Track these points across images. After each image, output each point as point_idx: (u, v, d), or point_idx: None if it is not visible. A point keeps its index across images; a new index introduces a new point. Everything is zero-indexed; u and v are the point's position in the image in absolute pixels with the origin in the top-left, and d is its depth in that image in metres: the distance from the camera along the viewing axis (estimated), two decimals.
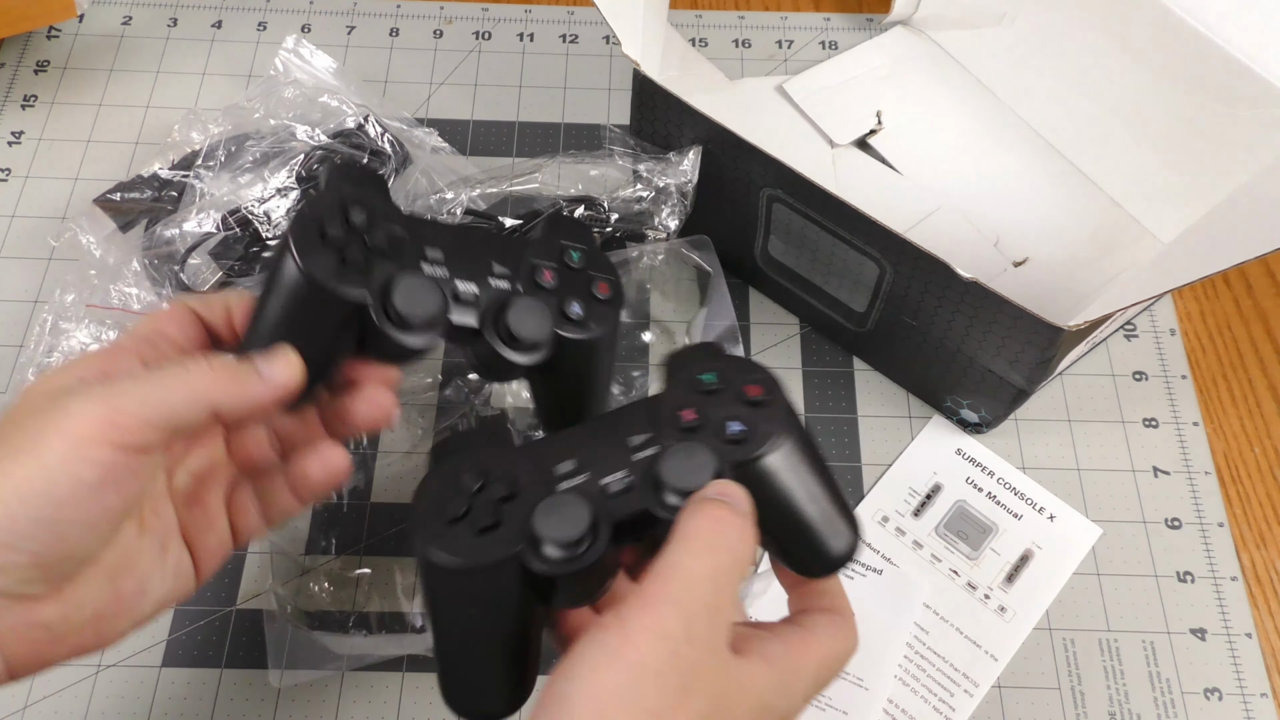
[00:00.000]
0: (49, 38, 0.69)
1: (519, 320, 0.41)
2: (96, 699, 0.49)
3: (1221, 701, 0.50)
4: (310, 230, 0.38)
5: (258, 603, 0.51)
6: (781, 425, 0.37)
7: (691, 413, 0.38)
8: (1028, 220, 0.61)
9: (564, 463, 0.38)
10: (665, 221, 0.55)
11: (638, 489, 0.36)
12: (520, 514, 0.36)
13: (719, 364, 0.39)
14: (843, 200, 0.49)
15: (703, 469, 0.35)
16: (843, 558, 0.38)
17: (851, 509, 0.39)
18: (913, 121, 0.66)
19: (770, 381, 0.38)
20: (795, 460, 0.37)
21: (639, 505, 0.36)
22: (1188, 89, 0.58)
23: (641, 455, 0.37)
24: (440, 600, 0.37)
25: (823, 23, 0.72)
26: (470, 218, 0.55)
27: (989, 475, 0.55)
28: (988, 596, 0.52)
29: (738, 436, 0.37)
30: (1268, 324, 0.61)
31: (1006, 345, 0.49)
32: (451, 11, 0.72)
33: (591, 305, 0.44)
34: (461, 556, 0.35)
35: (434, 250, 0.41)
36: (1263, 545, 0.54)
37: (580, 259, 0.44)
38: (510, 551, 0.35)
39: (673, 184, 0.54)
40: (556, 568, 0.35)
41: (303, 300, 0.38)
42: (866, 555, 0.52)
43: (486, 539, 0.35)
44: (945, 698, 0.49)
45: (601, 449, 0.38)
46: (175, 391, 0.34)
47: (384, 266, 0.39)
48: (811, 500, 0.37)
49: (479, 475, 0.37)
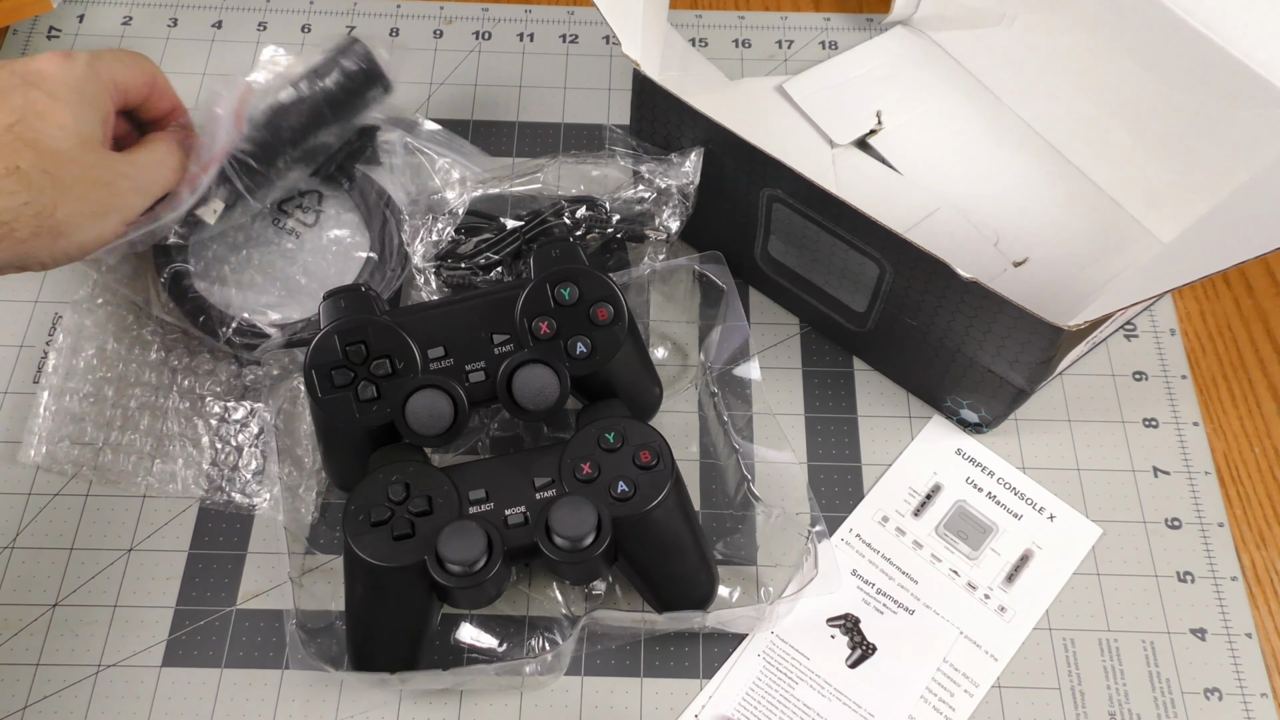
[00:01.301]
0: (49, 38, 0.69)
1: (525, 394, 0.46)
2: (96, 699, 0.49)
3: (1221, 701, 0.50)
4: (323, 379, 0.45)
5: (258, 603, 0.51)
6: (661, 490, 0.45)
7: (589, 467, 0.45)
8: (1028, 220, 0.61)
9: (476, 490, 0.45)
10: (666, 222, 0.55)
11: (531, 525, 0.44)
12: (431, 529, 0.44)
13: (622, 426, 0.46)
14: (843, 200, 0.49)
15: (585, 522, 0.43)
16: (698, 605, 0.48)
17: (713, 564, 0.49)
18: (913, 121, 0.66)
19: (662, 449, 0.46)
20: (668, 522, 0.45)
21: (529, 539, 0.44)
22: (1188, 89, 0.58)
23: (542, 496, 0.45)
24: (356, 583, 0.45)
25: (823, 23, 0.72)
26: (472, 218, 0.56)
27: (989, 475, 0.55)
28: (988, 596, 0.52)
29: (623, 496, 0.45)
30: (1268, 324, 0.61)
31: (1006, 345, 0.49)
32: (451, 11, 0.72)
33: (595, 334, 0.47)
34: (377, 556, 0.43)
35: (435, 349, 0.46)
36: (1263, 545, 0.54)
37: (573, 293, 0.47)
38: (416, 559, 0.43)
39: (674, 185, 0.54)
40: (453, 581, 0.43)
41: (334, 430, 0.48)
42: (895, 590, 0.52)
43: (400, 545, 0.44)
44: (945, 698, 0.49)
45: (510, 484, 0.45)
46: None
47: (396, 385, 0.45)
48: (678, 555, 0.46)
49: (404, 489, 0.44)
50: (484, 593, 0.45)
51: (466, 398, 0.46)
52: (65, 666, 0.49)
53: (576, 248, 0.49)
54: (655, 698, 0.49)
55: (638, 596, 0.50)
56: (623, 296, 0.48)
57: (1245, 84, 0.55)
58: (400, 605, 0.45)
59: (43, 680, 0.49)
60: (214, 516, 0.53)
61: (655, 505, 0.44)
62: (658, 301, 0.59)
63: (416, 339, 0.46)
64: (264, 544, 0.53)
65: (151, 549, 0.52)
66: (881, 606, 0.51)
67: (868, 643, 0.50)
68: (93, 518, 0.53)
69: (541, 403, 0.46)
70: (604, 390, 0.48)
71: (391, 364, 0.45)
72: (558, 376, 0.46)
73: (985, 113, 0.66)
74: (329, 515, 0.53)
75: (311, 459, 0.53)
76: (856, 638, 0.51)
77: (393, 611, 0.45)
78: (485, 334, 0.47)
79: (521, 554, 0.44)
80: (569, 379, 0.46)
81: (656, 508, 0.44)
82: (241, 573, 0.52)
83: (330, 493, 0.53)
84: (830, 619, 0.51)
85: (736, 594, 0.51)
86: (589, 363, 0.47)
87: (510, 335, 0.47)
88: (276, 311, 0.56)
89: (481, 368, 0.46)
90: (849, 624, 0.51)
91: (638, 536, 0.45)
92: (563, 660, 0.48)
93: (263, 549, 0.52)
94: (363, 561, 0.43)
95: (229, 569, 0.52)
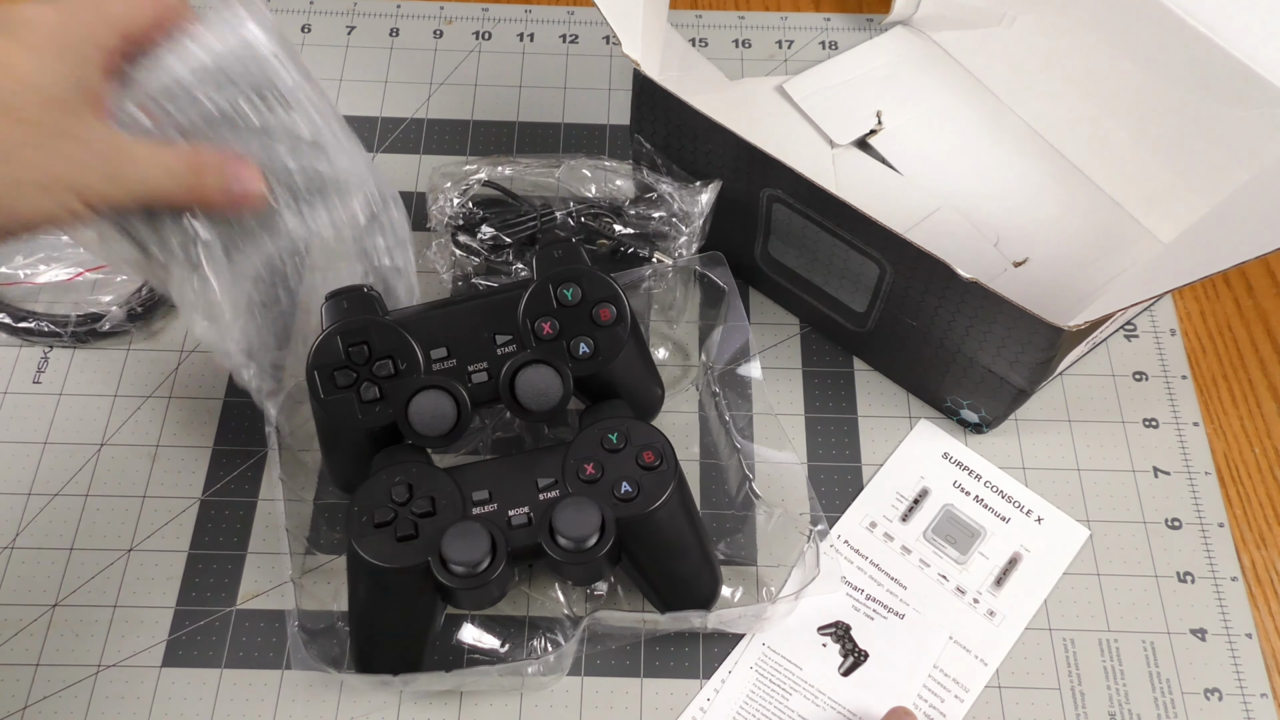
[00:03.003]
0: None
1: (527, 395, 0.46)
2: (96, 699, 0.49)
3: (1221, 702, 0.50)
4: (326, 380, 0.45)
5: (258, 603, 0.51)
6: (665, 490, 0.45)
7: (592, 467, 0.45)
8: (1028, 220, 0.61)
9: (480, 491, 0.45)
10: (679, 248, 0.55)
11: (535, 526, 0.44)
12: (435, 530, 0.43)
13: (625, 427, 0.46)
14: (843, 200, 0.49)
15: (589, 522, 0.43)
16: (702, 605, 0.48)
17: (716, 564, 0.49)
18: (913, 122, 0.66)
19: (666, 449, 0.46)
20: (671, 522, 0.45)
21: (533, 540, 0.44)
22: (1188, 89, 0.58)
23: (545, 496, 0.45)
24: (360, 583, 0.45)
25: (823, 23, 0.72)
26: (491, 189, 0.56)
27: (976, 479, 0.55)
28: (976, 600, 0.52)
29: (626, 496, 0.45)
30: (1268, 324, 0.61)
31: (1007, 345, 0.49)
32: (451, 11, 0.72)
33: (598, 334, 0.47)
34: (380, 558, 0.43)
35: (438, 349, 0.46)
36: (1263, 545, 0.54)
37: (575, 293, 0.47)
38: (420, 561, 0.43)
39: (694, 211, 0.54)
40: (457, 582, 0.43)
41: (336, 431, 0.47)
42: (884, 596, 0.51)
43: (404, 546, 0.43)
44: (935, 703, 0.49)
45: (513, 485, 0.45)
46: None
47: (398, 386, 0.45)
48: (682, 555, 0.46)
49: (407, 490, 0.44)
50: (488, 593, 0.44)
51: (469, 398, 0.46)
52: (65, 666, 0.49)
53: (579, 248, 0.49)
54: (655, 698, 0.49)
55: (639, 596, 0.50)
56: (625, 297, 0.48)
57: (1245, 84, 0.55)
58: (404, 606, 0.45)
59: (43, 680, 0.49)
60: (214, 516, 0.53)
61: (659, 506, 0.44)
62: (659, 302, 0.59)
63: (419, 339, 0.46)
64: (264, 544, 0.53)
65: (151, 549, 0.52)
66: (872, 612, 0.51)
67: (859, 650, 0.50)
68: (93, 518, 0.53)
69: (544, 403, 0.46)
70: (606, 390, 0.48)
71: (394, 365, 0.45)
72: (560, 377, 0.46)
73: (985, 113, 0.66)
74: (330, 516, 0.53)
75: (312, 459, 0.53)
76: (848, 645, 0.50)
77: (396, 613, 0.45)
78: (488, 334, 0.47)
79: (525, 555, 0.44)
80: (572, 379, 0.46)
81: (660, 508, 0.44)
82: (241, 573, 0.52)
83: (331, 493, 0.53)
84: (821, 627, 0.51)
85: (738, 594, 0.51)
86: (592, 363, 0.47)
87: (513, 335, 0.47)
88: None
89: (484, 368, 0.46)
90: (840, 631, 0.51)
91: (641, 537, 0.45)
92: (565, 660, 0.48)
93: (263, 549, 0.52)
94: (366, 563, 0.43)
95: (229, 569, 0.52)
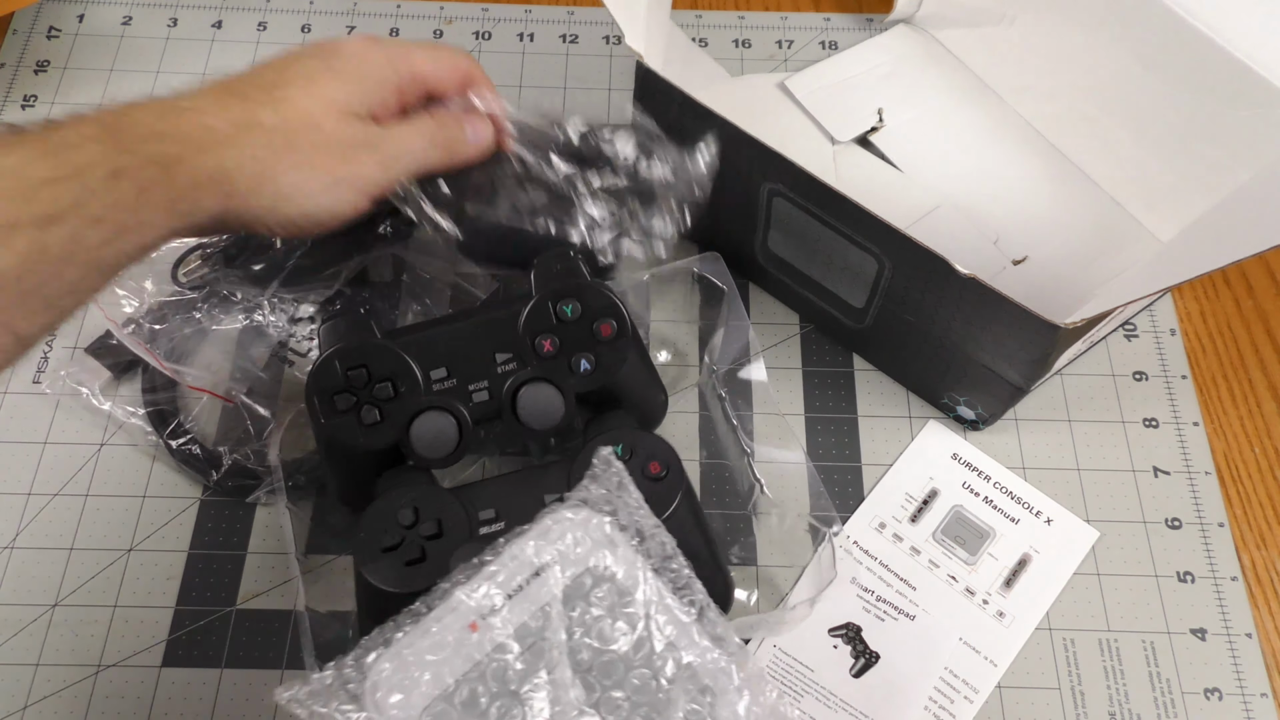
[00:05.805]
0: (49, 38, 0.69)
1: (529, 413, 0.46)
2: (96, 699, 0.49)
3: (1221, 701, 0.50)
4: (326, 404, 0.45)
5: (258, 603, 0.51)
6: (673, 501, 0.44)
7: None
8: (1028, 219, 0.61)
9: (486, 510, 0.44)
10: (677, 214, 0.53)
11: None
12: (443, 552, 0.42)
13: (630, 438, 0.45)
14: (843, 195, 0.49)
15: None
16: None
17: (728, 570, 0.49)
18: (914, 119, 0.66)
19: (671, 459, 0.45)
20: (680, 531, 0.44)
21: None
22: (1188, 89, 0.58)
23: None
24: (369, 608, 0.44)
25: (823, 23, 0.72)
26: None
27: (985, 480, 0.55)
28: (986, 602, 0.52)
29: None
30: (1268, 324, 0.61)
31: (1004, 342, 0.49)
32: (451, 11, 0.72)
33: (599, 349, 0.46)
34: (389, 583, 0.42)
35: (437, 369, 0.46)
36: (1263, 545, 0.54)
37: (575, 309, 0.47)
38: (429, 585, 0.41)
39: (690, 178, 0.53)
40: None
41: (338, 454, 0.47)
42: (894, 597, 0.51)
43: (412, 570, 0.42)
44: (945, 704, 0.49)
45: (520, 502, 0.44)
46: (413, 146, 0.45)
47: (399, 408, 0.45)
48: (692, 563, 0.44)
49: (413, 513, 0.43)
50: None
51: (470, 418, 0.45)
52: (65, 666, 0.49)
53: (578, 261, 0.48)
54: None
55: None
56: (626, 309, 0.47)
57: (1245, 84, 0.55)
58: None
59: (43, 680, 0.49)
60: (214, 516, 0.53)
61: (667, 517, 0.44)
62: (658, 304, 0.59)
63: (418, 360, 0.46)
64: (264, 544, 0.53)
65: (151, 549, 0.52)
66: (882, 614, 0.51)
67: (871, 651, 0.50)
68: (93, 518, 0.53)
69: (546, 421, 0.45)
70: (609, 402, 0.48)
71: (394, 387, 0.45)
72: (562, 394, 0.45)
73: (986, 111, 0.66)
74: (330, 516, 0.53)
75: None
76: (859, 647, 0.50)
77: None
78: (487, 353, 0.46)
79: None
80: (574, 397, 0.46)
81: (668, 519, 0.44)
82: (241, 573, 0.52)
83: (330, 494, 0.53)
84: (832, 629, 0.51)
85: (754, 597, 0.51)
86: (593, 379, 0.46)
87: (513, 354, 0.46)
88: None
89: (485, 387, 0.45)
90: (851, 633, 0.51)
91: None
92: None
93: (263, 549, 0.52)
94: (375, 589, 0.42)
95: (229, 569, 0.52)
